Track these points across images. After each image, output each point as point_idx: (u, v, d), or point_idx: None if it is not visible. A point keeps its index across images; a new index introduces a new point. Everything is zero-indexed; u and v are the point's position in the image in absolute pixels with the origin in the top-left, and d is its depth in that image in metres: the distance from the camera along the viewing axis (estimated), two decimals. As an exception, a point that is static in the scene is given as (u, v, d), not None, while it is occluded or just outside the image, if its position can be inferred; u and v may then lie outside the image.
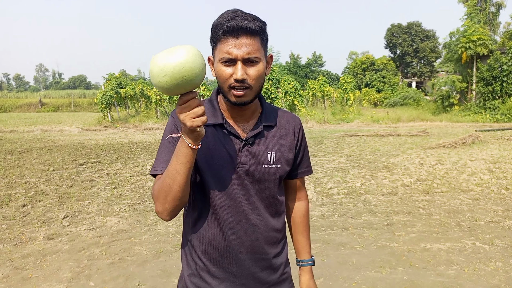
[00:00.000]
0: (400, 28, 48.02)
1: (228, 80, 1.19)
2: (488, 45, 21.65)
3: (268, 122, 1.35)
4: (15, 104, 39.32)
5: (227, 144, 1.29)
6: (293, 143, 1.40)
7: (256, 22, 1.18)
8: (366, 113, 24.17)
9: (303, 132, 1.45)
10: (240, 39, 1.16)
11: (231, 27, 1.15)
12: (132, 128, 18.35)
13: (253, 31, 1.16)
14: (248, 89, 1.20)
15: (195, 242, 1.34)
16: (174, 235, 4.42)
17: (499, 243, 4.09)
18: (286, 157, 1.37)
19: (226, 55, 1.16)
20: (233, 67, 1.18)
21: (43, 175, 7.41)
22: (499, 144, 11.12)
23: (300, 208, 1.55)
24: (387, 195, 6.02)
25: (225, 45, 1.17)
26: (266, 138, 1.34)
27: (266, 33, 1.23)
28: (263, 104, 1.39)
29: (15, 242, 4.19)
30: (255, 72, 1.19)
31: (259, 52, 1.19)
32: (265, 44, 1.24)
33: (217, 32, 1.18)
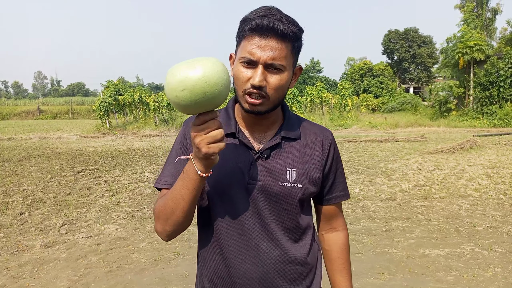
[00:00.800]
0: (397, 34, 48.28)
1: (244, 84, 1.03)
2: (484, 50, 21.77)
3: (289, 134, 1.15)
4: (13, 112, 39.26)
5: (238, 156, 1.12)
6: (320, 160, 1.17)
7: (291, 25, 1.02)
8: (364, 119, 24.22)
9: (335, 148, 1.22)
10: (268, 40, 1.00)
11: (260, 25, 0.99)
12: (131, 135, 18.34)
13: (284, 35, 1.00)
14: (264, 99, 1.03)
15: (202, 267, 1.20)
16: (173, 242, 4.40)
17: (497, 249, 4.09)
18: (311, 177, 1.15)
19: (248, 55, 1.01)
20: (253, 70, 1.02)
21: (41, 182, 7.39)
22: (496, 149, 11.14)
23: (337, 240, 1.28)
24: (386, 201, 6.02)
25: (249, 43, 1.01)
26: (285, 152, 1.14)
27: (299, 41, 1.07)
28: (286, 113, 1.20)
29: (12, 251, 4.16)
30: (276, 81, 1.02)
31: (285, 60, 1.02)
32: (296, 53, 1.08)
33: (244, 27, 1.03)
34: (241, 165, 1.11)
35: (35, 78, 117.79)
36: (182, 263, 3.88)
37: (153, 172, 8.29)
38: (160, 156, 10.81)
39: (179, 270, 3.71)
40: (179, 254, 4.09)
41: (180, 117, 22.34)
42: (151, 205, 5.90)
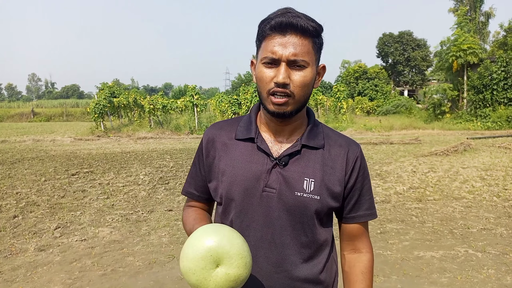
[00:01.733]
0: (392, 37, 48.55)
1: (268, 84, 1.01)
2: (478, 53, 21.97)
3: (310, 142, 1.10)
4: (7, 114, 39.00)
5: (255, 163, 1.08)
6: (343, 174, 1.10)
7: (310, 22, 1.00)
8: (359, 121, 24.32)
9: (361, 163, 1.14)
10: (288, 36, 0.98)
11: (279, 22, 0.98)
12: (125, 137, 18.27)
13: (304, 30, 0.99)
14: (289, 98, 1.01)
15: None
16: (167, 245, 4.38)
17: (491, 251, 4.11)
18: (331, 190, 1.09)
19: (270, 54, 0.99)
20: (275, 69, 1.00)
21: (35, 185, 7.34)
22: (490, 151, 11.23)
23: (359, 262, 1.18)
24: (380, 203, 6.04)
25: (270, 42, 1.00)
26: (305, 161, 1.09)
27: (320, 38, 1.05)
28: (310, 120, 1.15)
29: (5, 254, 4.13)
30: (301, 78, 1.00)
31: (308, 56, 1.00)
32: (318, 50, 1.05)
33: (263, 28, 1.02)
34: (258, 171, 1.08)
35: (29, 80, 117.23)
36: (177, 266, 3.86)
37: (147, 175, 8.26)
38: (155, 158, 10.78)
39: (174, 273, 3.70)
40: (174, 257, 4.07)
41: (175, 119, 22.31)
42: (146, 208, 5.88)
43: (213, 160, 1.15)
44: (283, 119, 1.06)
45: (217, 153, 1.14)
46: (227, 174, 1.10)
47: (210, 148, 1.16)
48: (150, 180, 7.77)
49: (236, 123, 1.17)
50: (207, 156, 1.16)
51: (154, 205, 6.09)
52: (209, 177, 1.17)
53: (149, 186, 7.26)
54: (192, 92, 21.67)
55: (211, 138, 1.16)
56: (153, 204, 6.14)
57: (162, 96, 24.68)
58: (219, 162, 1.13)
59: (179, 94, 48.64)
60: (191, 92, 21.75)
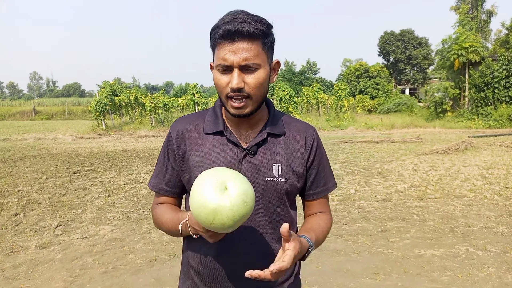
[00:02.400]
0: (393, 35, 48.44)
1: (224, 89, 1.08)
2: (480, 52, 21.91)
3: (274, 130, 1.20)
4: (9, 112, 39.05)
5: (227, 154, 1.17)
6: (304, 156, 1.22)
7: (257, 24, 1.05)
8: (360, 120, 24.29)
9: (318, 144, 1.26)
10: (237, 43, 1.04)
11: (227, 31, 1.04)
12: (127, 135, 18.29)
13: (251, 34, 1.04)
14: (247, 99, 1.08)
15: (189, 259, 1.28)
16: (168, 243, 4.39)
17: (492, 249, 4.11)
18: (296, 171, 1.21)
19: (222, 61, 1.06)
20: (229, 74, 1.07)
21: (36, 183, 7.35)
22: (491, 150, 11.21)
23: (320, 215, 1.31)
24: (381, 202, 6.04)
25: (221, 50, 1.06)
26: (271, 148, 1.19)
27: (270, 36, 1.11)
28: (271, 110, 1.25)
29: (6, 252, 4.14)
30: (254, 80, 1.07)
31: (259, 58, 1.06)
32: (269, 48, 1.11)
33: (213, 36, 1.08)
34: (230, 162, 1.17)
35: (31, 78, 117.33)
36: (177, 263, 3.87)
37: (149, 173, 8.27)
38: (156, 156, 10.79)
39: (174, 270, 3.70)
40: (174, 254, 4.08)
41: (176, 118, 22.29)
42: (147, 206, 5.89)
43: (184, 154, 1.21)
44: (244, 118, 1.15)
45: (188, 147, 1.21)
46: (199, 167, 1.17)
47: (180, 142, 1.22)
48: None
49: (202, 117, 1.25)
50: (178, 150, 1.22)
51: (155, 203, 6.09)
52: (181, 170, 1.23)
53: (150, 184, 7.27)
54: (193, 91, 21.66)
55: (181, 133, 1.22)
56: (154, 202, 6.15)
57: (163, 94, 24.69)
58: (190, 156, 1.20)
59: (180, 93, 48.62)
60: (192, 91, 21.75)
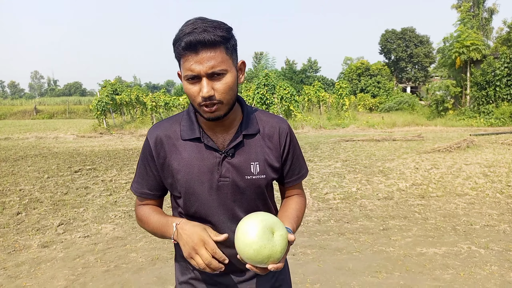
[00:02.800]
0: (394, 33, 48.35)
1: (196, 98, 1.12)
2: (481, 50, 21.85)
3: (248, 131, 1.25)
4: (10, 111, 39.10)
5: (206, 159, 1.22)
6: (278, 151, 1.29)
7: (217, 31, 1.07)
8: (361, 118, 24.26)
9: (291, 137, 1.33)
10: (201, 53, 1.06)
11: (189, 42, 1.06)
12: (128, 134, 18.30)
13: (213, 43, 1.06)
14: (220, 104, 1.12)
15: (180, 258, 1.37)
16: (170, 242, 4.39)
17: (494, 247, 4.11)
18: (272, 166, 1.28)
19: (189, 72, 1.08)
20: (199, 84, 1.10)
21: (38, 182, 7.36)
22: (493, 148, 11.19)
23: (294, 198, 1.43)
24: (383, 200, 6.03)
25: (186, 62, 1.09)
26: (248, 148, 1.25)
27: (232, 40, 1.13)
28: (244, 110, 1.28)
29: (9, 250, 4.15)
30: (223, 85, 1.10)
31: (224, 64, 1.09)
32: (232, 51, 1.14)
33: (177, 48, 1.10)
34: (210, 165, 1.22)
35: (32, 77, 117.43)
36: (179, 262, 3.87)
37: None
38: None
39: (176, 269, 3.71)
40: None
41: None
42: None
43: (164, 160, 1.26)
44: (218, 121, 1.20)
45: (167, 154, 1.25)
46: (182, 172, 1.23)
47: (159, 149, 1.26)
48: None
49: (177, 123, 1.28)
50: (157, 156, 1.26)
51: (156, 201, 6.10)
52: (163, 175, 1.28)
53: (152, 183, 7.27)
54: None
55: (159, 140, 1.26)
56: (156, 200, 6.15)
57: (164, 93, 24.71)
58: (171, 162, 1.24)
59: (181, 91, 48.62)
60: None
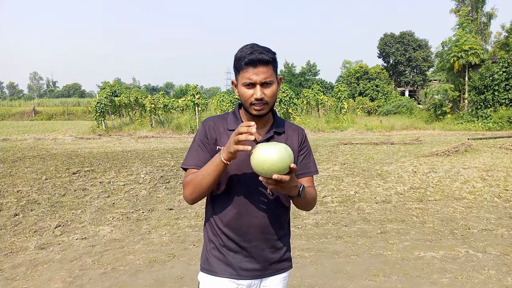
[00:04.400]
0: (393, 37, 48.47)
1: (249, 99, 1.54)
2: (479, 54, 21.92)
3: (278, 130, 1.69)
4: (9, 113, 39.02)
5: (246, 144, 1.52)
6: (297, 147, 1.72)
7: (270, 54, 1.53)
8: (360, 122, 24.29)
9: (306, 139, 1.78)
10: (258, 68, 1.52)
11: (251, 60, 1.51)
12: (126, 136, 18.28)
13: (267, 61, 1.52)
14: (265, 105, 1.56)
15: (215, 221, 1.66)
16: (168, 244, 4.38)
17: (492, 251, 4.11)
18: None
19: (248, 80, 1.52)
20: (253, 89, 1.53)
21: (36, 183, 7.34)
22: (491, 152, 11.21)
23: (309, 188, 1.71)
24: (381, 203, 6.03)
25: (246, 73, 1.52)
26: (276, 141, 1.63)
27: (276, 61, 1.60)
28: (275, 116, 1.73)
29: (5, 252, 4.13)
30: (270, 92, 1.55)
31: (272, 77, 1.55)
32: (276, 70, 1.59)
33: (240, 63, 1.53)
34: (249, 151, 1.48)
35: (31, 79, 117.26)
36: (177, 264, 3.87)
37: (148, 174, 8.27)
38: (156, 157, 10.78)
39: (174, 271, 3.70)
40: (174, 256, 4.08)
41: (176, 119, 22.31)
42: (146, 207, 5.88)
43: (215, 141, 1.64)
44: (261, 118, 1.62)
45: (218, 137, 1.64)
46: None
47: (212, 133, 1.65)
48: (151, 179, 7.78)
49: (224, 119, 1.70)
50: (210, 138, 1.64)
51: (154, 204, 6.09)
52: (212, 153, 1.61)
53: (150, 185, 7.27)
54: (193, 92, 21.64)
55: (212, 126, 1.67)
56: (154, 203, 6.15)
57: (163, 95, 24.67)
58: (220, 144, 1.62)
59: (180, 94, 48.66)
60: (192, 92, 21.73)
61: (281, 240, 1.71)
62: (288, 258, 1.77)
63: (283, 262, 1.73)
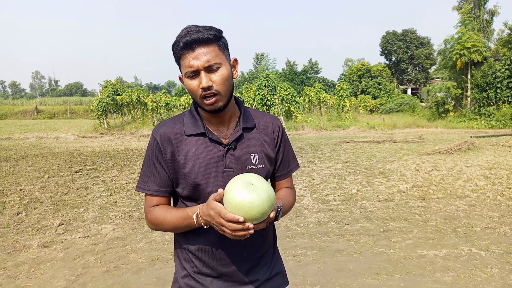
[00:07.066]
0: (395, 35, 48.33)
1: (197, 91, 1.26)
2: (482, 52, 21.83)
3: (246, 125, 1.40)
4: (11, 111, 39.12)
5: (211, 151, 1.34)
6: (273, 143, 1.45)
7: (209, 31, 1.25)
8: (362, 120, 24.25)
9: (282, 132, 1.49)
10: (197, 50, 1.23)
11: (186, 42, 1.23)
12: (129, 135, 18.30)
13: (207, 40, 1.24)
14: (217, 95, 1.26)
15: (187, 245, 1.40)
16: (170, 242, 4.39)
17: (495, 249, 4.10)
18: (269, 157, 1.43)
19: (189, 68, 1.25)
20: (198, 78, 1.25)
21: (38, 182, 7.36)
22: (494, 150, 11.17)
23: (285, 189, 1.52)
24: (383, 202, 6.02)
25: (185, 60, 1.25)
26: (247, 141, 1.39)
27: (223, 39, 1.29)
28: (241, 107, 1.44)
29: (9, 250, 4.15)
30: (219, 77, 1.26)
31: (218, 58, 1.25)
32: (225, 49, 1.30)
33: (175, 50, 1.27)
34: (215, 158, 1.33)
35: (33, 77, 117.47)
36: (179, 263, 3.87)
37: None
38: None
39: (176, 270, 3.70)
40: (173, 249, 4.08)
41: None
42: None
43: (171, 155, 1.34)
44: (219, 113, 1.32)
45: (175, 149, 1.35)
46: (189, 166, 1.32)
47: (166, 146, 1.35)
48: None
49: (180, 121, 1.39)
50: (164, 152, 1.35)
51: (157, 202, 6.09)
52: (171, 170, 1.36)
53: (152, 184, 7.27)
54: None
55: (165, 137, 1.35)
56: (156, 201, 6.15)
57: (165, 94, 24.72)
58: (178, 157, 1.34)
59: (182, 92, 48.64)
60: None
61: (267, 255, 1.45)
62: (281, 272, 1.50)
63: (274, 278, 1.46)
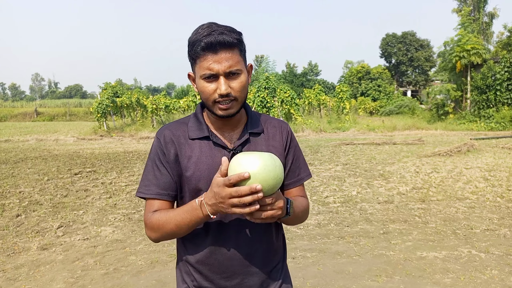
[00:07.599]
0: (395, 37, 48.44)
1: (212, 95, 1.18)
2: (481, 54, 21.89)
3: (254, 130, 1.32)
4: (10, 114, 39.14)
5: (215, 156, 1.26)
6: (282, 148, 1.35)
7: (233, 34, 1.16)
8: (362, 122, 24.26)
9: (292, 137, 1.40)
10: (220, 53, 1.14)
11: (209, 43, 1.13)
12: (128, 137, 18.30)
13: (231, 44, 1.15)
14: (234, 101, 1.19)
15: (187, 258, 1.33)
16: (170, 244, 4.38)
17: (494, 251, 4.09)
18: None
19: (208, 71, 1.15)
20: (215, 82, 1.16)
21: (38, 184, 7.36)
22: (494, 152, 11.18)
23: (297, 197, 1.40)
24: (383, 204, 6.02)
25: (205, 61, 1.15)
26: (254, 146, 1.30)
27: (243, 43, 1.22)
28: (248, 112, 1.36)
29: (8, 253, 4.14)
30: (239, 84, 1.18)
31: (240, 64, 1.17)
32: (244, 54, 1.23)
33: (195, 49, 1.16)
34: (219, 163, 1.21)
35: (33, 80, 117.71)
36: (179, 265, 3.86)
37: (150, 174, 8.27)
38: (157, 158, 10.80)
39: (175, 273, 3.69)
40: (176, 256, 4.07)
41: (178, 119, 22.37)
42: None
43: (175, 157, 1.28)
44: (229, 117, 1.24)
45: (178, 151, 1.28)
46: (191, 169, 1.25)
47: (170, 147, 1.28)
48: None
49: (184, 124, 1.33)
50: (168, 154, 1.28)
51: (156, 204, 6.09)
52: (174, 172, 1.28)
53: (152, 186, 7.27)
54: (195, 92, 21.67)
55: (169, 138, 1.29)
56: (156, 203, 6.14)
57: (165, 96, 24.72)
58: (181, 159, 1.27)
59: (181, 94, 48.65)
60: (194, 92, 21.76)
61: (274, 269, 1.36)
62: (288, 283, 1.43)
63: None
